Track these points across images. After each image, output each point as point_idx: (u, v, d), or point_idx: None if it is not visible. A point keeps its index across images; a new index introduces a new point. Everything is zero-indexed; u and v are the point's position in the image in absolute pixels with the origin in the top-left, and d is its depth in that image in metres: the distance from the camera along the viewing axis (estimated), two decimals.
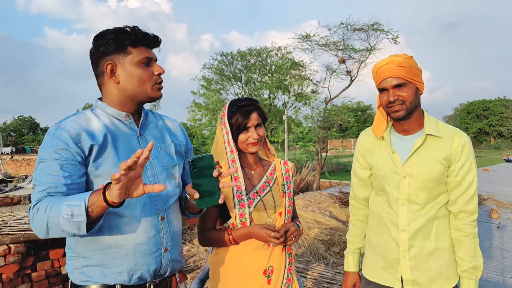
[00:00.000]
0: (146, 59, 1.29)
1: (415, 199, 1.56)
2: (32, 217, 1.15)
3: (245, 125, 1.53)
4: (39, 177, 1.18)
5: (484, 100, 72.82)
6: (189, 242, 4.72)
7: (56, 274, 3.17)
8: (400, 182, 1.58)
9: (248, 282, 1.51)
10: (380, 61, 1.57)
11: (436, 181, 1.55)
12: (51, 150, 1.19)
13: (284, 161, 1.72)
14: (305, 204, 6.34)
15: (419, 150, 1.56)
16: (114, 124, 1.30)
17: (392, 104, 1.53)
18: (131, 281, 1.26)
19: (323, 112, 13.09)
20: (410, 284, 1.58)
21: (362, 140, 1.77)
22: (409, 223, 1.56)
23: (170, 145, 1.44)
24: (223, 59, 23.31)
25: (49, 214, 1.10)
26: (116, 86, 1.30)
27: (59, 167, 1.17)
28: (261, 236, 1.47)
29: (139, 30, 1.28)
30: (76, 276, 1.26)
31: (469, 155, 1.55)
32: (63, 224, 1.09)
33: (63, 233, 1.13)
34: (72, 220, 1.07)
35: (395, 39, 11.78)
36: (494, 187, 12.04)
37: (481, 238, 5.74)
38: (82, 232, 1.10)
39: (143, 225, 1.27)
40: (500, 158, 34.43)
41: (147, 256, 1.28)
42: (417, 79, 1.53)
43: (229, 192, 1.51)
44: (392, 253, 1.61)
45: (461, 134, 1.57)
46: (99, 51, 1.28)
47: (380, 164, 1.66)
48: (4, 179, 4.98)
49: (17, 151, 20.02)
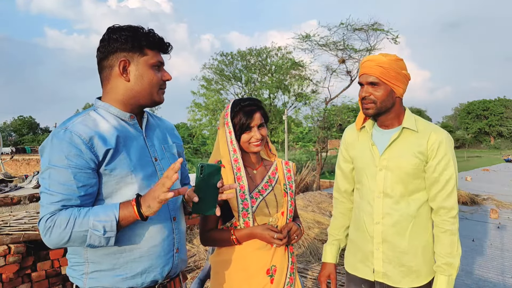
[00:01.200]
0: (159, 63, 1.30)
1: (390, 192, 1.59)
2: (47, 229, 1.12)
3: (248, 125, 1.54)
4: (50, 186, 1.13)
5: (484, 100, 72.80)
6: (189, 242, 4.72)
7: (56, 274, 3.17)
8: (376, 174, 1.62)
9: (251, 281, 1.52)
10: (367, 56, 1.64)
11: (412, 175, 1.56)
12: (63, 156, 1.13)
13: (285, 161, 1.73)
14: (305, 204, 6.34)
15: (395, 143, 1.59)
16: (122, 126, 1.28)
17: (364, 100, 1.58)
18: (143, 284, 1.25)
19: (323, 112, 13.10)
20: (381, 276, 1.61)
21: (346, 134, 1.83)
22: (383, 216, 1.59)
23: (172, 146, 1.44)
24: (223, 59, 23.28)
25: (73, 230, 1.10)
26: (124, 84, 1.27)
27: (72, 176, 1.13)
28: (264, 237, 1.47)
29: (156, 34, 1.29)
30: (85, 282, 1.23)
31: (447, 152, 1.55)
32: (91, 239, 1.11)
33: (82, 245, 1.14)
34: (103, 236, 1.11)
35: (395, 39, 11.78)
36: (494, 187, 12.03)
37: (481, 238, 5.74)
38: (110, 244, 1.14)
39: (158, 226, 1.27)
40: (500, 158, 34.42)
41: (161, 257, 1.27)
42: (394, 82, 1.53)
43: (231, 192, 1.51)
44: (367, 245, 1.65)
45: (440, 131, 1.58)
46: (113, 45, 1.24)
47: (360, 157, 1.70)
48: (4, 179, 4.97)
49: (17, 151, 20.02)
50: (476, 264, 4.55)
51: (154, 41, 1.28)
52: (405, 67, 1.57)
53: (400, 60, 1.57)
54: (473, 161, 34.26)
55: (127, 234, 1.22)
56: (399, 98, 1.61)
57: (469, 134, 74.42)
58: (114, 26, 1.28)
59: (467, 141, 73.50)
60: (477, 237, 5.75)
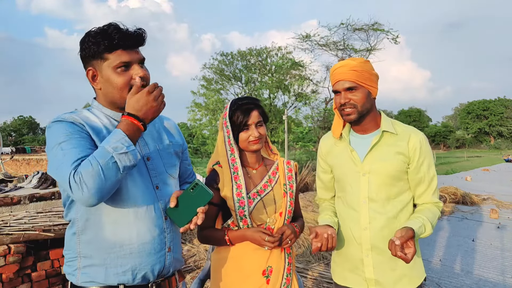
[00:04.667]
0: (123, 63, 1.23)
1: (375, 196, 1.58)
2: (79, 185, 1.07)
3: (246, 122, 1.54)
4: (64, 153, 1.13)
5: (484, 100, 72.78)
6: (189, 242, 4.72)
7: (56, 274, 3.17)
8: (360, 179, 1.61)
9: (246, 282, 1.52)
10: (336, 64, 1.63)
11: (395, 177, 1.58)
12: (68, 131, 1.17)
13: (287, 160, 1.72)
14: (305, 204, 6.34)
15: (376, 147, 1.60)
16: (113, 125, 1.30)
17: (343, 106, 1.58)
18: (134, 281, 1.25)
19: (323, 112, 13.11)
20: (374, 283, 1.58)
21: (322, 144, 1.83)
22: (370, 221, 1.58)
23: (168, 145, 1.43)
24: (223, 59, 23.29)
25: (100, 164, 1.07)
26: (98, 91, 1.30)
27: (82, 142, 1.17)
28: (255, 239, 1.47)
29: (115, 33, 1.21)
30: (78, 277, 1.25)
31: (427, 151, 1.61)
32: (122, 161, 1.10)
33: (119, 176, 1.11)
34: (129, 151, 1.11)
35: (395, 39, 11.79)
36: (494, 187, 12.04)
37: (481, 238, 5.75)
38: (138, 158, 1.15)
39: (148, 224, 1.27)
40: (500, 158, 34.42)
41: (152, 255, 1.27)
42: (369, 83, 1.57)
43: (228, 191, 1.52)
44: (356, 253, 1.62)
45: (418, 132, 1.63)
46: (81, 55, 1.27)
47: (339, 164, 1.69)
48: (4, 179, 4.97)
49: (17, 151, 20.01)
50: (476, 264, 4.55)
51: (112, 43, 1.20)
52: (373, 67, 1.62)
53: (368, 61, 1.62)
54: (473, 161, 34.26)
55: (118, 230, 1.23)
56: (375, 99, 1.64)
57: (469, 134, 74.38)
58: (85, 34, 1.26)
59: (467, 141, 73.46)
60: (477, 237, 5.74)
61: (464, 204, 8.50)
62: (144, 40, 1.29)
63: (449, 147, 73.73)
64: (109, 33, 1.21)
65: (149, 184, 1.30)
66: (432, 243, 5.32)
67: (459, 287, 3.82)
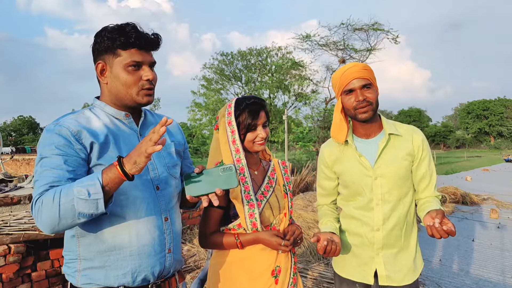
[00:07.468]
0: (134, 62, 1.25)
1: (388, 198, 1.64)
2: (36, 212, 1.09)
3: (255, 123, 1.51)
4: (41, 172, 1.14)
5: (484, 100, 72.78)
6: (189, 242, 4.72)
7: (56, 274, 3.17)
8: (372, 183, 1.64)
9: (255, 283, 1.50)
10: (343, 66, 1.67)
11: (404, 177, 1.65)
12: (53, 147, 1.15)
13: (282, 161, 1.71)
14: (305, 204, 6.33)
15: (385, 150, 1.64)
16: (115, 124, 1.30)
17: (361, 104, 1.58)
18: (135, 283, 1.25)
19: (323, 112, 13.11)
20: (385, 279, 1.64)
21: (326, 152, 1.80)
22: (383, 222, 1.63)
23: (170, 145, 1.43)
24: (223, 59, 23.32)
25: (60, 202, 1.05)
26: (105, 86, 1.31)
27: (62, 162, 1.14)
28: (271, 243, 1.45)
29: (133, 31, 1.23)
30: (77, 279, 1.24)
31: (428, 148, 1.69)
32: (79, 207, 1.05)
33: (76, 219, 1.07)
34: (89, 199, 1.05)
35: (395, 39, 11.79)
36: (494, 187, 12.03)
37: (481, 238, 5.74)
38: (100, 210, 1.07)
39: (148, 226, 1.26)
40: (500, 158, 34.43)
41: (152, 257, 1.27)
42: (376, 83, 1.64)
43: (237, 193, 1.47)
44: (366, 252, 1.67)
45: (418, 130, 1.71)
46: (94, 48, 1.28)
47: (349, 171, 1.70)
48: (4, 179, 4.97)
49: (17, 151, 20.02)
50: (476, 264, 4.55)
51: (128, 41, 1.22)
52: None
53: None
54: (473, 161, 34.27)
55: (118, 232, 1.22)
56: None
57: (469, 134, 74.40)
58: (101, 28, 1.28)
59: (467, 141, 73.47)
60: (477, 237, 5.74)
61: (464, 204, 8.50)
62: (159, 45, 1.31)
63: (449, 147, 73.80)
64: (126, 31, 1.23)
65: (150, 185, 1.29)
66: (432, 243, 5.31)
67: (459, 287, 3.82)
